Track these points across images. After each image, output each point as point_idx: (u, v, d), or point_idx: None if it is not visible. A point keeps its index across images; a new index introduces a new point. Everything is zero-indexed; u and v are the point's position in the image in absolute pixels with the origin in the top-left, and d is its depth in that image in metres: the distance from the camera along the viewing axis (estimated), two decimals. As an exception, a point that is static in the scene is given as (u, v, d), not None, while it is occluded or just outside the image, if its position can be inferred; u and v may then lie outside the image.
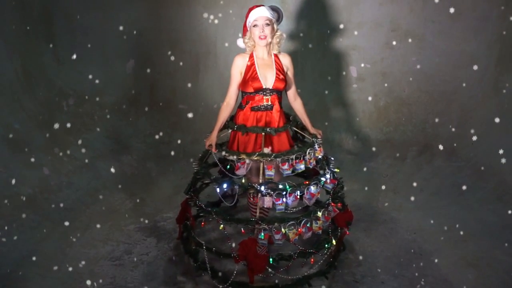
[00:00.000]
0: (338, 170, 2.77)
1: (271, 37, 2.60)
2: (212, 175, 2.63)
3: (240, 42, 2.74)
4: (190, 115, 4.39)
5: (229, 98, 2.68)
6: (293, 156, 2.52)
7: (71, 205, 3.42)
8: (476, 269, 2.70)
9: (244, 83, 2.63)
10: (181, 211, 2.84)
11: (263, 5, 2.60)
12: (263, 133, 2.58)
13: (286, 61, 2.69)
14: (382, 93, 4.67)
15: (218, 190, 2.54)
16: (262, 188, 2.43)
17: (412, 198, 3.65)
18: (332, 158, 2.80)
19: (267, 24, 2.56)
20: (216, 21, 4.71)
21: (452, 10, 4.28)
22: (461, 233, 3.09)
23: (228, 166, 2.62)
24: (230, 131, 2.73)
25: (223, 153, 2.61)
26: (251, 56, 2.65)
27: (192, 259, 2.69)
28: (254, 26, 2.58)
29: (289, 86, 2.76)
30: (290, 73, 2.73)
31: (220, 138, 2.79)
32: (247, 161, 2.51)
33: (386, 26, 4.54)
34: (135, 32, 4.69)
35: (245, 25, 2.67)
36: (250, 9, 2.61)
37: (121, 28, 4.62)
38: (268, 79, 2.61)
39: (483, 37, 4.24)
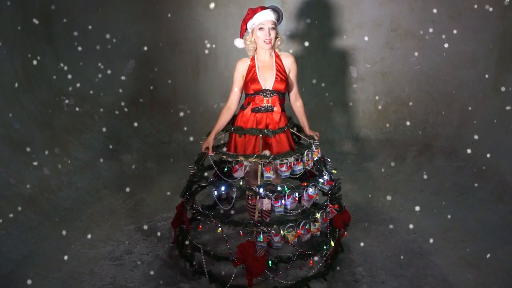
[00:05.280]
0: (335, 171, 2.77)
1: (275, 40, 2.60)
2: (209, 178, 2.63)
3: (238, 43, 2.72)
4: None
5: (230, 102, 2.69)
6: (292, 158, 2.52)
7: (71, 205, 3.42)
8: (476, 269, 2.70)
9: (244, 84, 2.64)
10: (176, 215, 2.83)
11: (266, 8, 2.59)
12: (260, 135, 2.57)
13: (288, 62, 2.67)
14: (382, 93, 4.67)
15: (215, 193, 2.53)
16: (261, 190, 2.43)
17: (412, 198, 3.66)
18: (329, 160, 2.79)
19: (273, 28, 2.56)
20: (216, 21, 4.71)
21: (452, 10, 4.29)
22: (461, 233, 3.10)
23: (226, 169, 2.61)
24: (227, 132, 2.73)
25: (222, 153, 2.60)
26: (253, 58, 2.64)
27: (188, 263, 2.69)
28: (259, 29, 2.56)
29: (290, 87, 2.75)
30: (292, 75, 2.71)
31: (218, 140, 2.79)
32: (245, 163, 2.51)
33: (386, 26, 4.54)
34: (135, 32, 4.69)
35: (243, 26, 2.65)
36: (253, 11, 2.58)
37: (121, 28, 4.63)
38: (267, 80, 2.61)
39: (483, 37, 4.23)
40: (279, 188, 2.46)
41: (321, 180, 2.60)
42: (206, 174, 2.70)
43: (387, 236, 3.10)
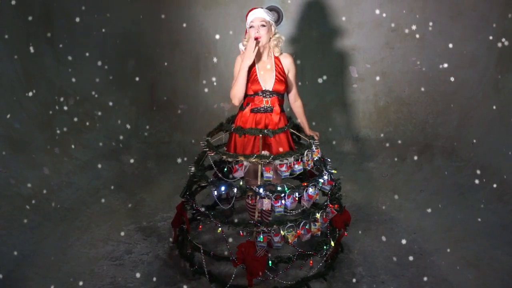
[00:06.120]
0: (335, 171, 2.77)
1: (267, 37, 2.59)
2: (209, 178, 2.63)
3: (241, 46, 2.74)
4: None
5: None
6: (292, 158, 2.52)
7: (71, 205, 3.42)
8: (476, 269, 2.70)
9: None
10: (176, 215, 2.82)
11: (261, 8, 2.61)
12: (260, 135, 2.57)
13: (287, 62, 2.68)
14: (382, 93, 4.67)
15: (215, 193, 2.53)
16: (261, 190, 2.43)
17: (412, 198, 3.66)
18: (329, 160, 2.79)
19: (263, 25, 2.56)
20: (216, 21, 4.71)
21: (452, 10, 4.29)
22: (461, 233, 3.10)
23: (225, 169, 2.61)
24: (227, 132, 2.73)
25: (222, 153, 2.60)
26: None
27: (188, 263, 2.69)
28: (250, 27, 2.58)
29: (290, 88, 2.75)
30: (291, 75, 2.71)
31: (217, 140, 2.79)
32: (245, 163, 2.51)
33: (386, 26, 4.54)
34: (135, 32, 4.69)
35: (246, 30, 2.67)
36: (248, 12, 2.62)
37: (121, 28, 4.63)
38: (267, 81, 2.61)
39: (483, 37, 4.23)
40: (279, 188, 2.46)
41: (321, 180, 2.60)
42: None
43: (387, 236, 3.10)
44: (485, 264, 2.74)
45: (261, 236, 2.42)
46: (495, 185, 3.52)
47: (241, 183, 2.59)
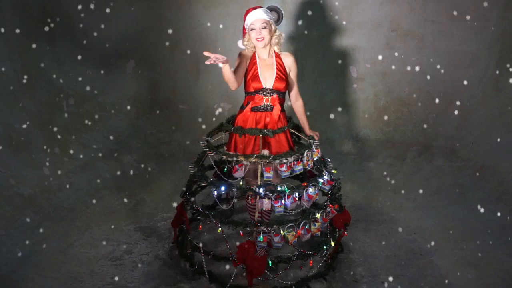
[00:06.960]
0: (335, 172, 2.77)
1: (269, 38, 2.60)
2: (209, 178, 2.63)
3: (240, 44, 2.74)
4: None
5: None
6: (291, 158, 2.52)
7: (71, 205, 3.42)
8: (476, 269, 2.70)
9: (245, 82, 2.65)
10: (176, 215, 2.83)
11: (259, 7, 2.60)
12: (260, 135, 2.58)
13: (288, 61, 2.68)
14: (382, 93, 4.67)
15: (215, 193, 2.53)
16: (261, 190, 2.43)
17: (412, 198, 3.66)
18: (329, 160, 2.79)
19: (264, 27, 2.56)
20: (216, 21, 4.71)
21: (452, 10, 4.29)
22: (461, 233, 3.10)
23: (226, 169, 2.62)
24: (227, 132, 2.73)
25: (222, 153, 2.60)
26: (254, 56, 2.65)
27: (188, 263, 2.69)
28: (251, 29, 2.58)
29: (291, 87, 2.76)
30: (292, 74, 2.72)
31: (217, 140, 2.79)
32: (245, 163, 2.51)
33: (386, 26, 4.54)
34: (135, 32, 4.69)
35: (244, 28, 2.67)
36: (247, 12, 2.61)
37: (121, 28, 4.63)
38: (268, 79, 2.62)
39: (483, 37, 4.23)
40: (279, 188, 2.46)
41: (321, 180, 2.60)
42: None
43: (387, 236, 3.10)
44: (485, 264, 2.74)
45: (261, 236, 2.43)
46: (495, 185, 3.52)
47: (241, 183, 2.59)
